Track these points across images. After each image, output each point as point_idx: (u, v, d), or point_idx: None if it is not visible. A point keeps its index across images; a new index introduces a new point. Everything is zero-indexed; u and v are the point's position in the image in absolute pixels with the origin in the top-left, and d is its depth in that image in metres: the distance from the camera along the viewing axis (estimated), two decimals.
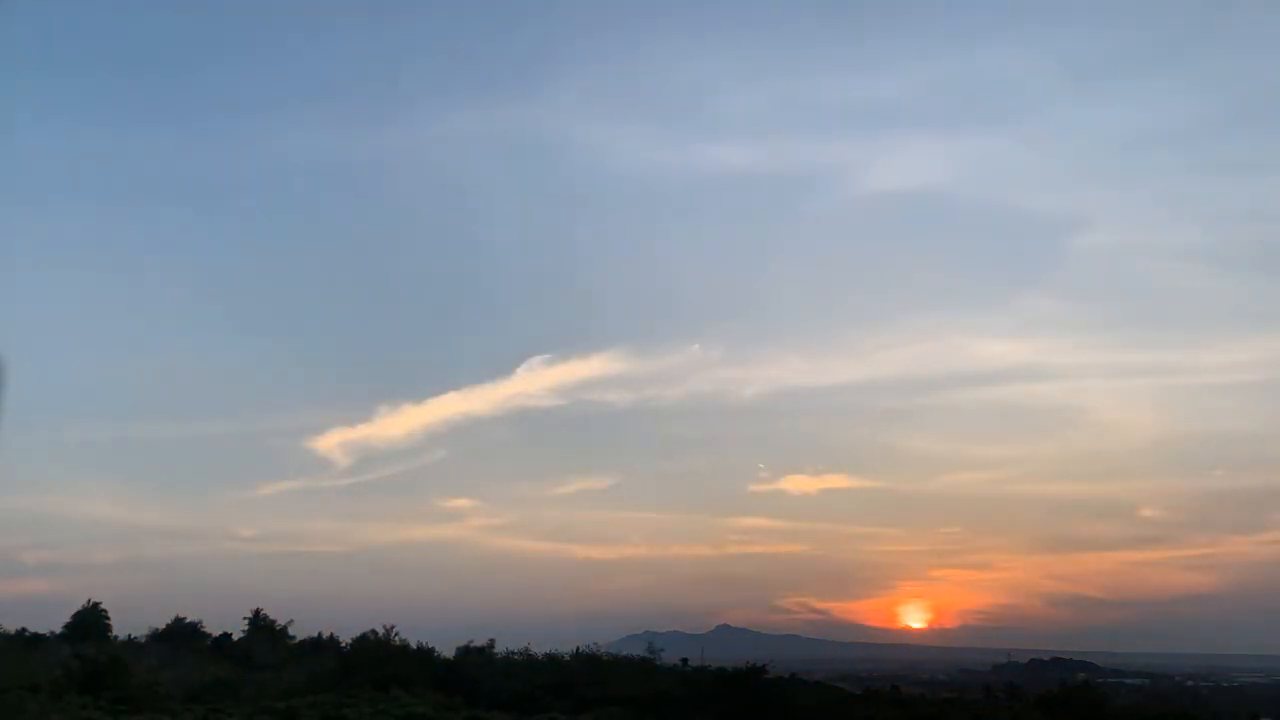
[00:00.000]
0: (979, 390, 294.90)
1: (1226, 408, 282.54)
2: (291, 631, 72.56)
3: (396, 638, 58.79)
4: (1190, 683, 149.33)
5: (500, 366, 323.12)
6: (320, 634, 73.48)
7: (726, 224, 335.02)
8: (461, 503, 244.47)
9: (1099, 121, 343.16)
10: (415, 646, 57.59)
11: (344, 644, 66.76)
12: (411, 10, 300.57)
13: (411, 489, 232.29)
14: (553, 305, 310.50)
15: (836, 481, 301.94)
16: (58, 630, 66.70)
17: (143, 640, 65.96)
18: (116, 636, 66.37)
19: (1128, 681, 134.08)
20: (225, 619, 74.01)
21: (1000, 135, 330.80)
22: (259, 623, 71.57)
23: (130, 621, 73.52)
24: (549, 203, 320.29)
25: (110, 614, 69.61)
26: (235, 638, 69.39)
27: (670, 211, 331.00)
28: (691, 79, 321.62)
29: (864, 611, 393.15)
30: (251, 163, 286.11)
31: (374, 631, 60.71)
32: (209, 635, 69.47)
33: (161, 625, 68.60)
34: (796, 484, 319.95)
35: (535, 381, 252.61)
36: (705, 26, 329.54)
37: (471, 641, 59.65)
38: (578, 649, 57.88)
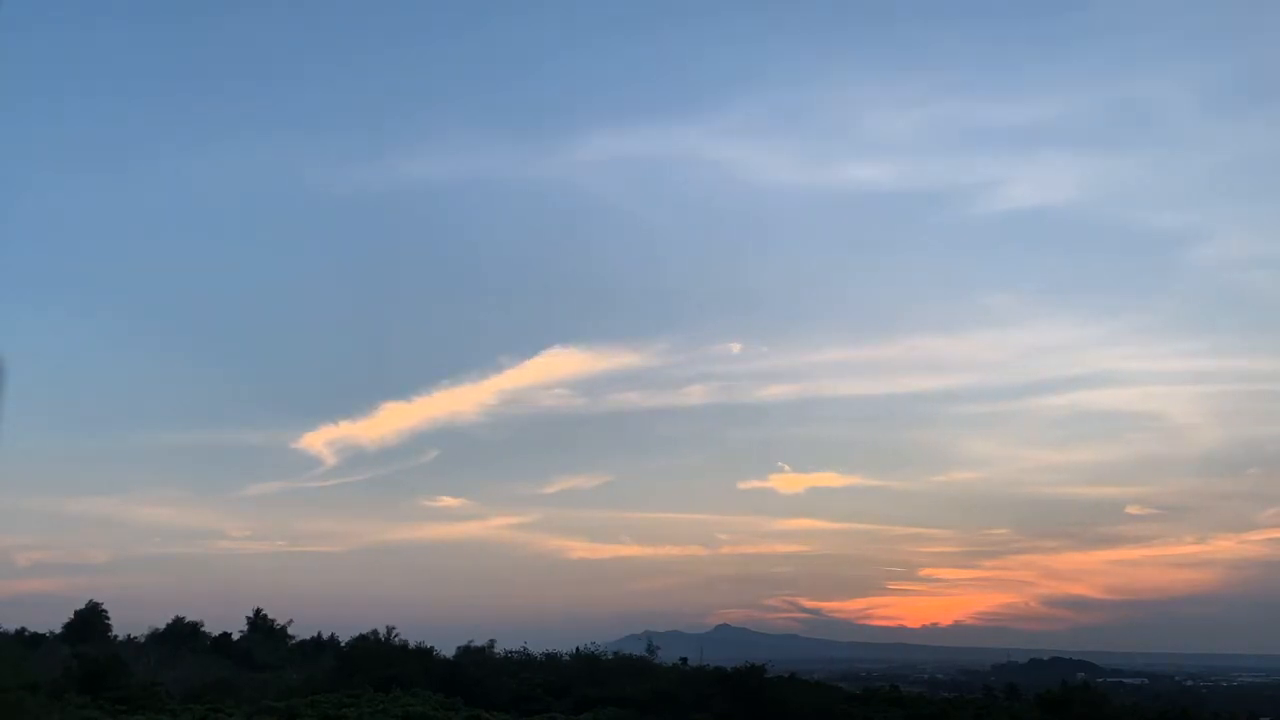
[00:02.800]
0: (1053, 397, 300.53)
1: None
2: (291, 631, 72.77)
3: (396, 638, 58.86)
4: (1190, 683, 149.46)
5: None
6: (320, 634, 73.69)
7: (853, 237, 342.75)
8: (451, 501, 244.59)
9: (1226, 141, 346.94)
10: (415, 646, 57.61)
11: (344, 644, 66.82)
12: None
13: (400, 488, 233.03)
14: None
15: (870, 482, 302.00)
16: (57, 630, 66.84)
17: (142, 640, 65.98)
18: (116, 636, 66.43)
19: (1127, 681, 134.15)
20: (225, 619, 74.25)
21: (1130, 155, 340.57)
22: (259, 623, 71.68)
23: (130, 621, 73.74)
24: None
25: (110, 614, 69.80)
26: (235, 638, 69.45)
27: (794, 226, 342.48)
28: (838, 100, 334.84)
29: (866, 611, 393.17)
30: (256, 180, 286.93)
31: (374, 631, 60.76)
32: (209, 635, 69.50)
33: (161, 625, 68.75)
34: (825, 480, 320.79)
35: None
36: (854, 50, 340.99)
37: (471, 641, 59.77)
38: (577, 649, 57.96)
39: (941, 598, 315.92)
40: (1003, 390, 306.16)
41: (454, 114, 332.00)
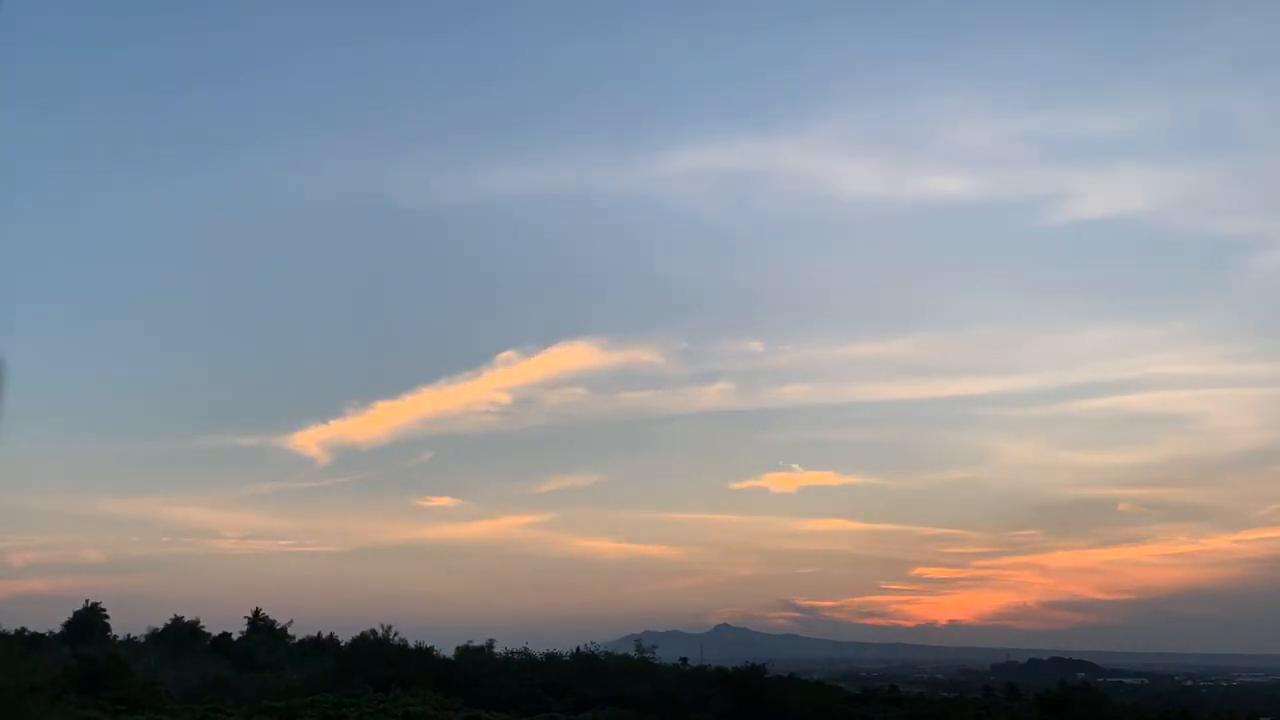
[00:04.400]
0: (1090, 401, 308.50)
1: None
2: (291, 631, 72.70)
3: (396, 638, 58.79)
4: (1190, 683, 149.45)
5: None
6: (320, 634, 73.60)
7: (926, 247, 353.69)
8: (445, 500, 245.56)
9: None
10: (415, 646, 57.54)
11: (344, 644, 66.76)
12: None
13: (394, 488, 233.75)
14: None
15: (868, 480, 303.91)
16: (57, 630, 66.75)
17: (142, 640, 65.93)
18: (116, 636, 66.37)
19: (1127, 681, 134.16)
20: (225, 619, 74.17)
21: (1198, 165, 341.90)
22: (259, 623, 71.62)
23: (130, 621, 73.68)
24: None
25: (109, 614, 69.75)
26: (235, 638, 69.40)
27: (870, 236, 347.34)
28: (924, 113, 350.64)
29: (866, 611, 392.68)
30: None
31: (373, 631, 60.67)
32: (209, 635, 69.43)
33: (161, 625, 68.68)
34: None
35: None
36: (937, 64, 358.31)
37: (471, 641, 59.64)
38: (577, 649, 57.87)
39: (942, 597, 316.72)
40: (1041, 394, 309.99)
41: (536, 127, 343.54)
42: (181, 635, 66.94)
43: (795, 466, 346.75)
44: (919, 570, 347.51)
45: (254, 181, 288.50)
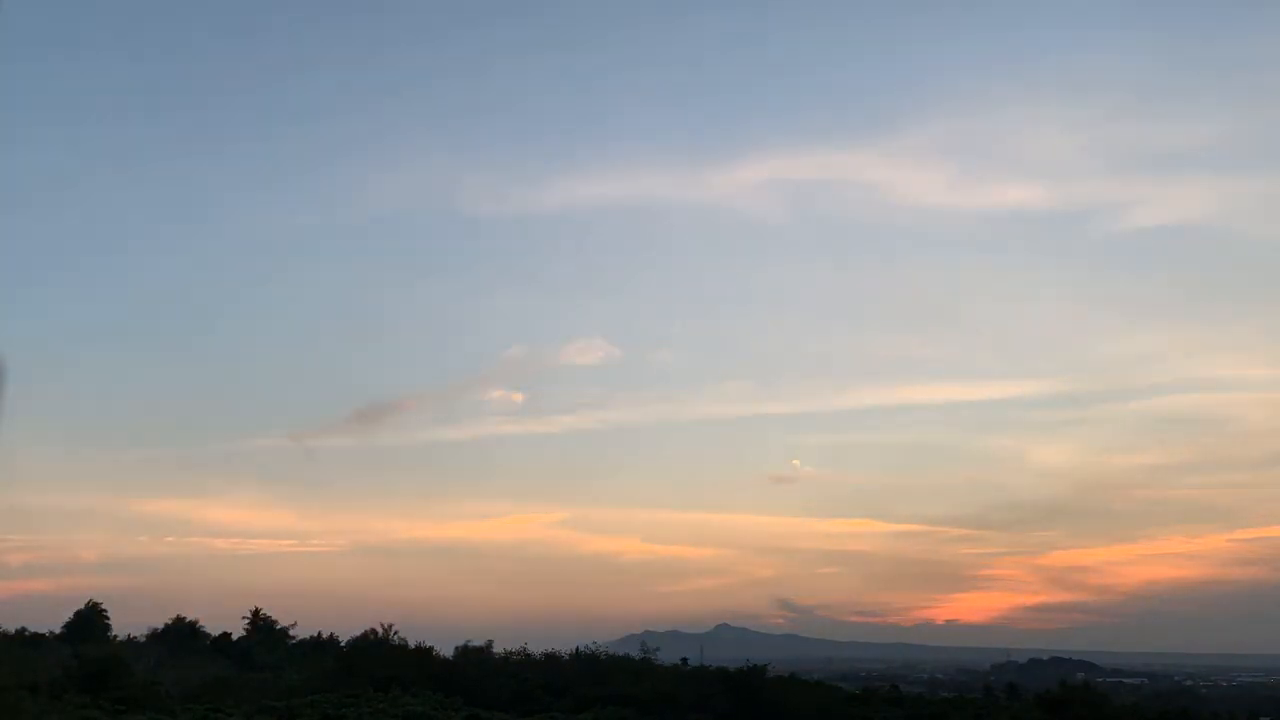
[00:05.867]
0: (1126, 403, 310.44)
1: None
2: (291, 631, 72.71)
3: (396, 638, 58.85)
4: (1190, 683, 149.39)
5: None
6: (320, 634, 73.57)
7: (991, 255, 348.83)
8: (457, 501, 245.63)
9: None
10: (415, 646, 57.58)
11: (344, 644, 66.80)
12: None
13: (395, 487, 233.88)
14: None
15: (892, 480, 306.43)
16: (57, 630, 66.77)
17: (142, 640, 65.95)
18: (116, 636, 66.40)
19: (1128, 681, 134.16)
20: (225, 619, 74.14)
21: (1264, 175, 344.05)
22: (259, 623, 71.64)
23: (130, 621, 73.67)
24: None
25: (110, 614, 69.80)
26: (235, 638, 69.41)
27: (940, 244, 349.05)
28: (993, 124, 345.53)
29: (867, 611, 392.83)
30: None
31: (374, 631, 60.74)
32: (209, 635, 69.47)
33: (161, 625, 68.73)
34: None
35: None
36: (1011, 76, 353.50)
37: (470, 641, 59.68)
38: (577, 649, 57.88)
39: (943, 596, 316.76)
40: (1076, 398, 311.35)
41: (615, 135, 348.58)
42: (181, 635, 67.00)
43: (796, 463, 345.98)
44: (922, 570, 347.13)
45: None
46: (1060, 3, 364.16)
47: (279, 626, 72.34)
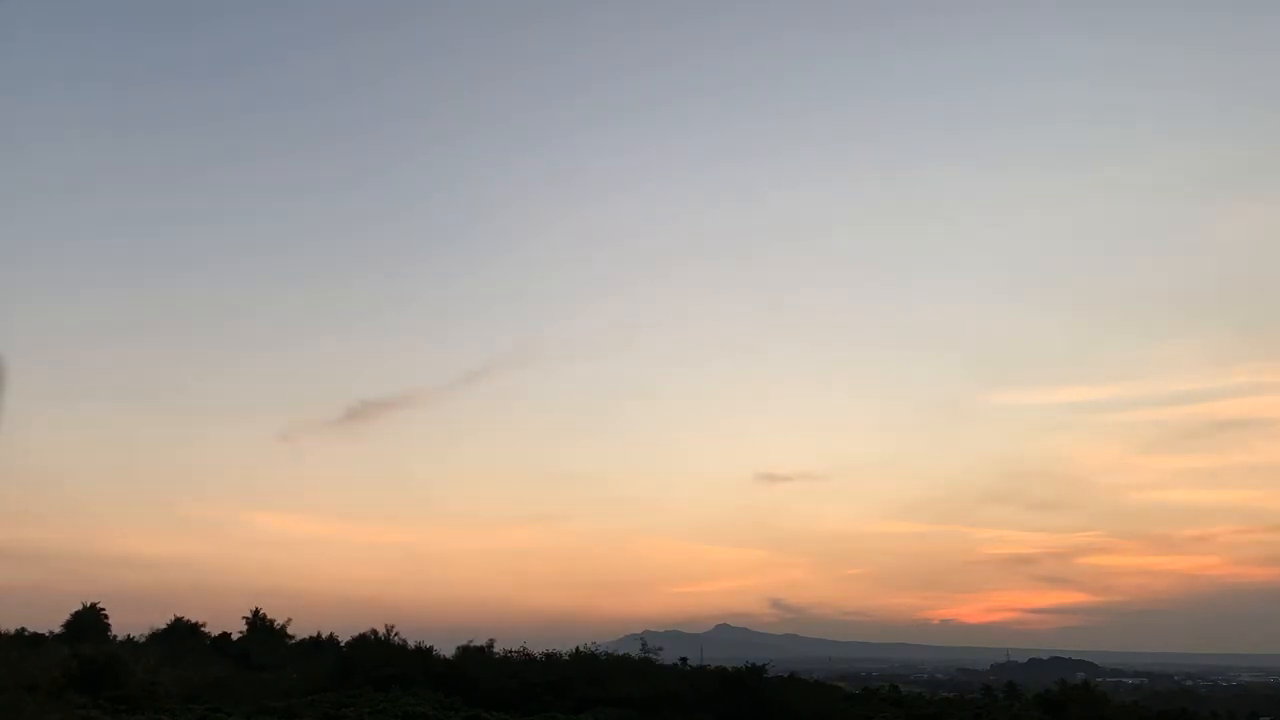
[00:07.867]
0: (1157, 410, 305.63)
1: None
2: (291, 631, 72.64)
3: (396, 637, 58.77)
4: (1190, 683, 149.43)
5: None
6: (320, 634, 73.49)
7: None
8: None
9: None
10: (415, 646, 57.53)
11: (343, 644, 66.69)
12: None
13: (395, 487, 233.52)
14: None
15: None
16: (57, 629, 66.72)
17: (142, 640, 65.88)
18: (116, 636, 66.34)
19: (1127, 681, 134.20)
20: (225, 619, 74.03)
21: None
22: (258, 622, 71.57)
23: (130, 621, 73.56)
24: None
25: (110, 614, 69.73)
26: (235, 637, 69.36)
27: None
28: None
29: (867, 610, 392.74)
30: None
31: (374, 631, 60.65)
32: (209, 635, 69.41)
33: (161, 625, 68.67)
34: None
35: None
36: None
37: (471, 641, 59.59)
38: (577, 649, 57.80)
39: (943, 596, 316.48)
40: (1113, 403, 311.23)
41: None
42: (181, 635, 66.93)
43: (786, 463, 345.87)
44: (922, 572, 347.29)
45: None
46: None
47: (278, 626, 72.27)
